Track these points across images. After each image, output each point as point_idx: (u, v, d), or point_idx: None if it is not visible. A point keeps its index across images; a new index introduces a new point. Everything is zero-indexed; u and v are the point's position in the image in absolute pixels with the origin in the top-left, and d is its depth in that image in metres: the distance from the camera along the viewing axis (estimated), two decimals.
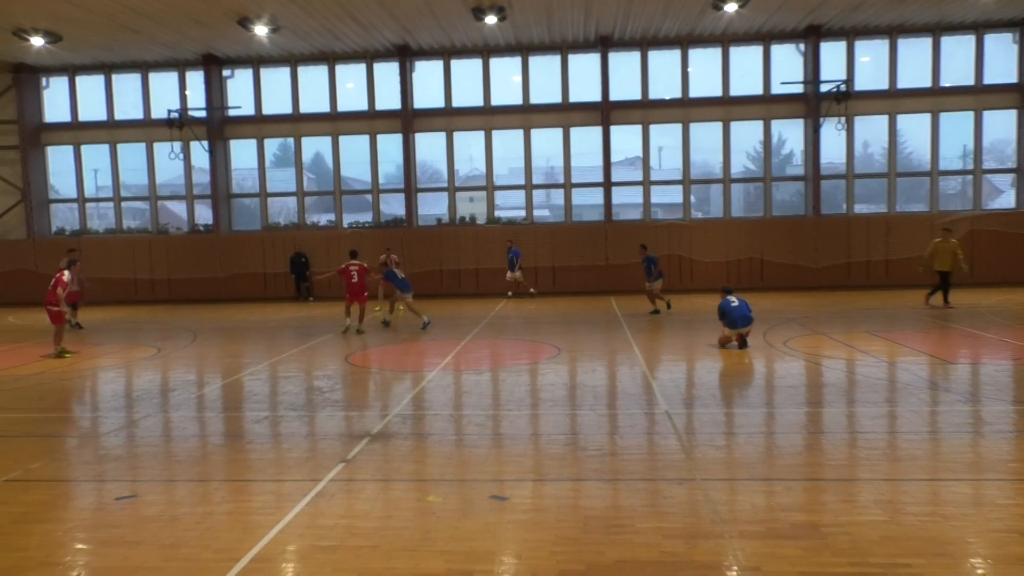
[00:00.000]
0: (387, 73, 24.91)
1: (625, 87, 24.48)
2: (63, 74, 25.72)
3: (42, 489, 6.65)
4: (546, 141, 25.13)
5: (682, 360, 12.47)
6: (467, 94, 24.93)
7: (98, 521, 5.89)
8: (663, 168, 25.80)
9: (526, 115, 24.78)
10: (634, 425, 8.30)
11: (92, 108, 25.90)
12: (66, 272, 14.40)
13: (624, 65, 24.48)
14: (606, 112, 24.21)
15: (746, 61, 24.27)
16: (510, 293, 23.40)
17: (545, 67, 24.73)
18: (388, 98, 24.97)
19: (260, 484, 6.64)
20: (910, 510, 5.62)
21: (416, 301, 17.83)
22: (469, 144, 25.57)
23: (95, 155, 26.31)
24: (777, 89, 24.06)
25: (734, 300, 13.03)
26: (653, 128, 24.75)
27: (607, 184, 24.39)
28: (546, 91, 24.74)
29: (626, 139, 24.99)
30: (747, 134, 24.86)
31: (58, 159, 26.36)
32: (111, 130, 25.87)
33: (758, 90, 24.24)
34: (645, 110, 24.55)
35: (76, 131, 25.97)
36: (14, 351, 14.98)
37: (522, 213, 25.28)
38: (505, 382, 10.85)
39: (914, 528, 5.29)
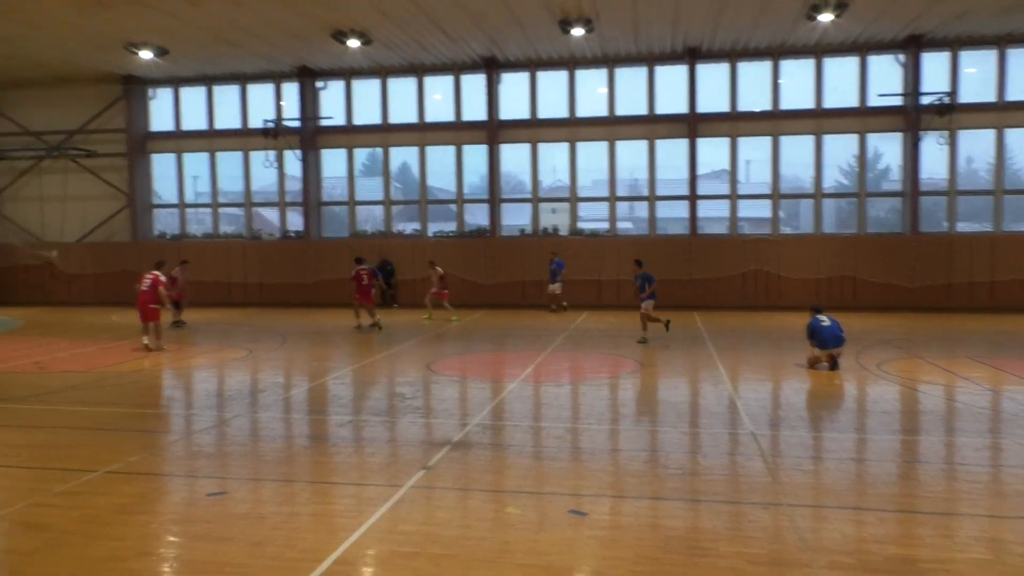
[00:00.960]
0: (474, 85, 25.23)
1: (713, 99, 24.08)
2: (168, 86, 27.03)
3: (140, 482, 6.96)
4: (631, 153, 24.93)
5: (768, 379, 12.12)
6: (552, 106, 24.98)
7: (190, 515, 6.11)
8: (750, 181, 25.22)
9: (611, 127, 24.65)
10: (717, 445, 8.11)
11: (194, 118, 27.13)
12: (148, 274, 15.35)
13: (712, 77, 24.08)
14: (693, 124, 23.86)
15: (841, 72, 23.51)
16: (558, 305, 22.74)
17: (631, 79, 24.56)
18: (474, 109, 25.27)
19: (343, 487, 6.77)
20: (1017, 550, 5.29)
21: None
22: (553, 155, 25.60)
23: (195, 163, 27.54)
24: (874, 101, 23.22)
25: (824, 319, 12.59)
26: (741, 141, 24.23)
27: (692, 197, 24.00)
28: (632, 103, 24.55)
29: (713, 152, 24.55)
30: (840, 148, 24.05)
31: (161, 166, 27.70)
32: (211, 139, 27.02)
33: (853, 102, 23.43)
34: (733, 122, 24.07)
35: (179, 140, 27.24)
36: (116, 349, 15.76)
37: (605, 225, 25.13)
38: (585, 395, 10.77)
39: (1021, 570, 4.96)
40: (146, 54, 22.59)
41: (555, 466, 7.35)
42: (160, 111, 27.41)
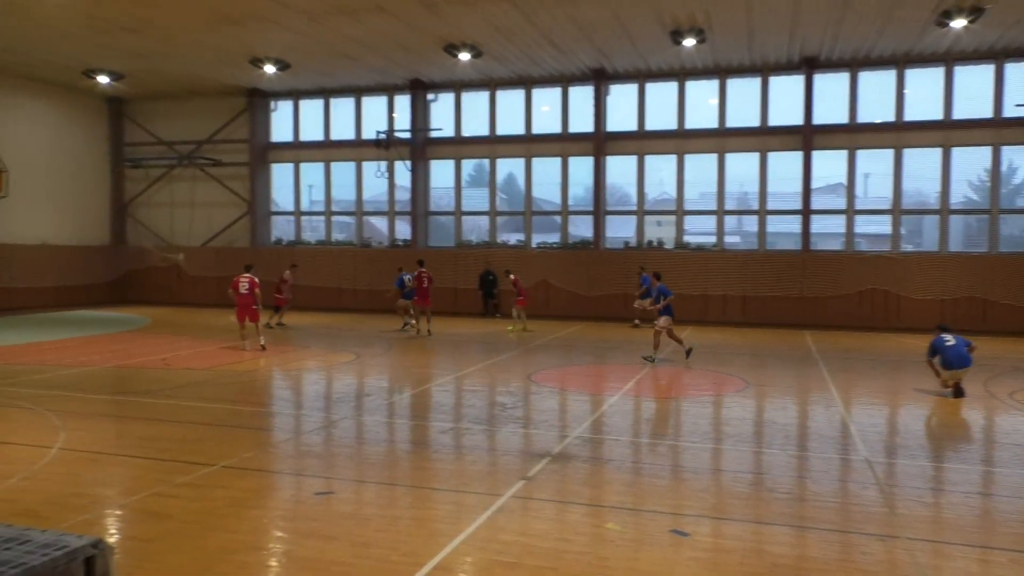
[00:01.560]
0: (581, 96, 25.23)
1: (830, 110, 23.14)
2: (289, 98, 28.30)
3: (253, 477, 7.26)
4: (741, 166, 24.29)
5: (886, 404, 11.51)
6: (660, 117, 24.66)
7: (298, 513, 6.33)
8: (869, 196, 24.08)
9: (721, 139, 24.10)
10: (828, 470, 7.75)
11: (311, 129, 28.28)
12: (243, 277, 16.67)
13: (830, 87, 23.16)
14: (808, 136, 23.03)
15: (973, 81, 22.13)
16: (642, 321, 21.64)
17: (744, 89, 23.94)
18: (581, 121, 25.26)
19: (443, 493, 6.85)
20: None
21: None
22: (660, 168, 25.26)
23: (311, 172, 28.67)
24: (1010, 111, 21.75)
25: (950, 339, 11.84)
26: (860, 153, 23.19)
27: (805, 212, 23.14)
28: (744, 114, 23.93)
29: (828, 165, 23.59)
30: (971, 161, 22.63)
31: (280, 175, 28.99)
32: (326, 150, 28.08)
33: (987, 113, 22.01)
34: (851, 134, 23.08)
35: (297, 150, 28.45)
36: (234, 349, 16.55)
37: (711, 239, 24.56)
38: (688, 412, 10.53)
39: None
40: (269, 68, 23.73)
41: (656, 483, 7.20)
42: (280, 123, 28.71)
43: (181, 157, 28.87)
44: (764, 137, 23.72)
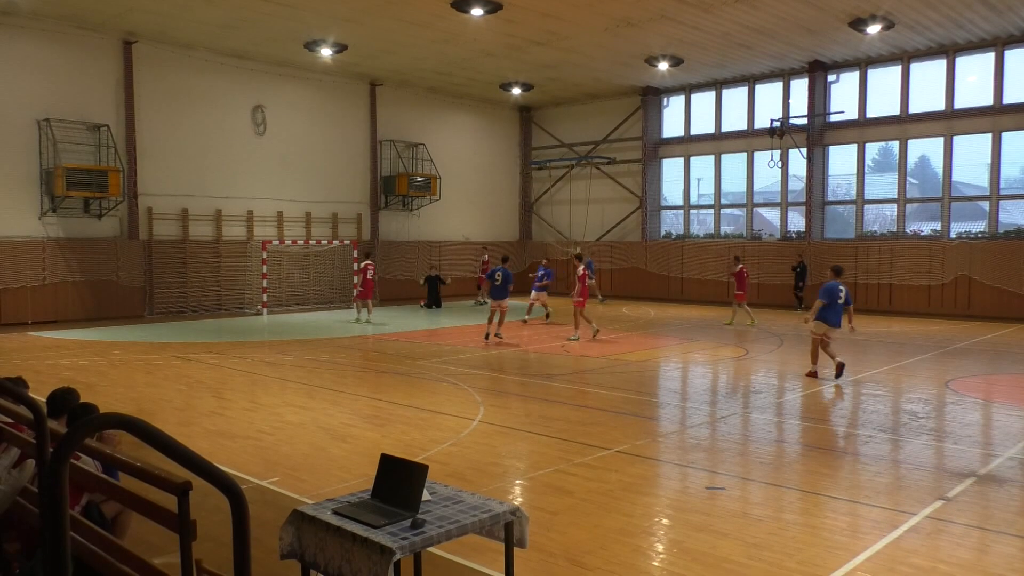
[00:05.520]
0: (1019, 61, 21.42)
1: None
2: (680, 93, 28.60)
3: (644, 465, 7.50)
4: None
5: None
6: None
7: (688, 505, 6.37)
8: None
9: None
10: None
11: (701, 122, 28.24)
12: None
13: None
14: None
15: None
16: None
17: None
18: (1020, 89, 21.47)
19: (840, 503, 6.35)
20: None
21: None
22: None
23: (700, 166, 28.67)
24: None
25: None
26: None
27: None
28: None
29: None
30: None
31: (670, 170, 29.50)
32: (716, 142, 27.82)
33: None
34: None
35: (687, 144, 28.65)
36: (626, 338, 17.28)
37: None
38: None
39: None
40: (663, 65, 24.21)
41: None
42: (671, 118, 29.17)
43: (579, 157, 30.93)
44: None
